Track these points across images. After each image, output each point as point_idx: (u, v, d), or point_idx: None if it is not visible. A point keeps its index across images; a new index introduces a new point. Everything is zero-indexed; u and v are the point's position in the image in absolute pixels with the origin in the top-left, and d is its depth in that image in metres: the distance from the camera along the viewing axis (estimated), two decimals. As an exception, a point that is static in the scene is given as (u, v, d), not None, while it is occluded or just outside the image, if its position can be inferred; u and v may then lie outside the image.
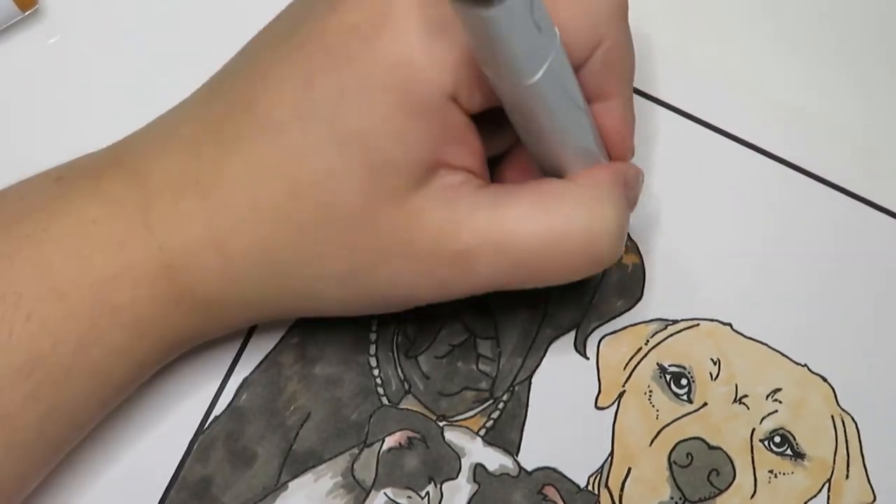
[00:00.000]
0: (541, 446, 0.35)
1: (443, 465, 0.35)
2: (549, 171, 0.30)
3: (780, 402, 0.35)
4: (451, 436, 0.35)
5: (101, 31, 0.37)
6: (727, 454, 0.35)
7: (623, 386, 0.36)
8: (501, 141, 0.32)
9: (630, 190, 0.31)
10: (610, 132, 0.30)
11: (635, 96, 0.37)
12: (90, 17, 0.37)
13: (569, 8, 0.27)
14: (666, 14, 0.38)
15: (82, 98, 0.37)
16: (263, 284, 0.29)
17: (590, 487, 0.35)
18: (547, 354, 0.36)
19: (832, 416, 0.36)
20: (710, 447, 0.35)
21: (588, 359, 0.36)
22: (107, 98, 0.37)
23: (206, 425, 0.35)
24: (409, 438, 0.35)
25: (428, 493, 0.35)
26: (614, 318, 0.36)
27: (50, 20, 0.37)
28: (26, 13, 0.36)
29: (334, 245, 0.27)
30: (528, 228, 0.27)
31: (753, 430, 0.35)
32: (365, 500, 0.35)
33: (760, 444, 0.35)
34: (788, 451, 0.35)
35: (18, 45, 0.37)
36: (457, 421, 0.35)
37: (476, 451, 0.35)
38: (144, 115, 0.35)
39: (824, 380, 0.36)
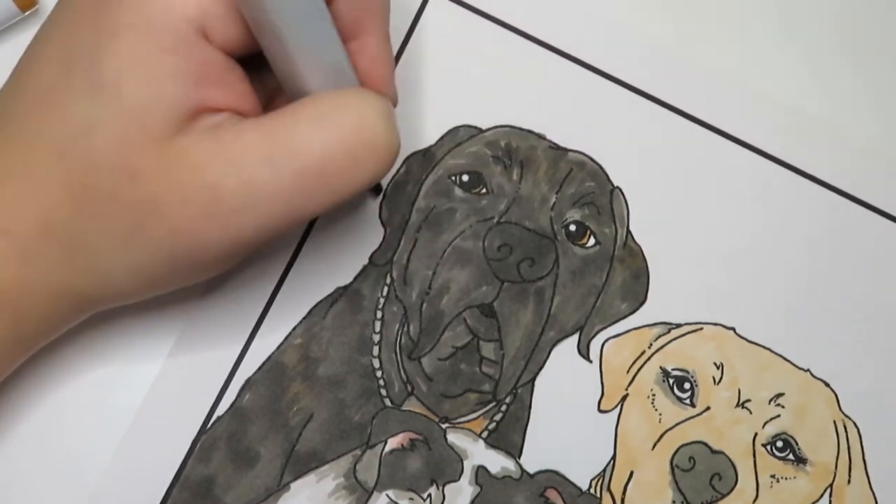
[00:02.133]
0: (543, 449, 0.35)
1: (445, 467, 0.35)
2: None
3: (783, 406, 0.36)
4: (454, 438, 0.35)
5: None
6: (729, 458, 0.35)
7: (626, 389, 0.36)
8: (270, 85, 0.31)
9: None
10: (367, 72, 0.30)
11: (650, 102, 0.37)
12: None
13: None
14: (666, 14, 0.38)
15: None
16: (56, 265, 0.28)
17: (592, 491, 0.35)
18: (550, 357, 0.36)
19: (834, 422, 0.36)
20: (713, 451, 0.35)
21: (591, 362, 0.36)
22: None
23: (209, 425, 0.35)
24: (411, 440, 0.35)
25: (430, 494, 0.35)
26: (618, 321, 0.36)
27: None
28: (26, 13, 0.36)
29: (108, 203, 0.27)
30: (300, 129, 0.27)
31: (756, 434, 0.35)
32: (367, 501, 0.35)
33: (763, 449, 0.35)
34: (791, 456, 0.35)
35: (18, 45, 0.36)
36: (459, 423, 0.35)
37: (478, 454, 0.35)
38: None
39: (827, 385, 0.36)
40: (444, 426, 0.35)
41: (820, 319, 0.36)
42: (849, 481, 0.35)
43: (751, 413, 0.35)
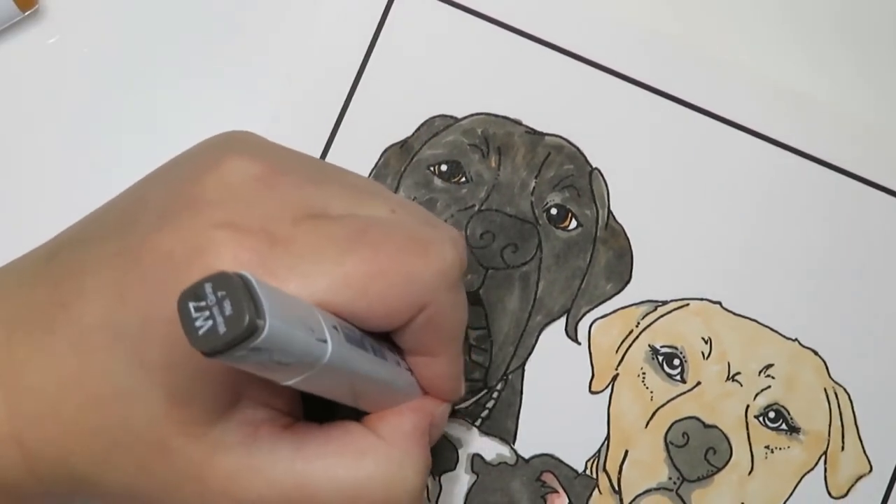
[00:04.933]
0: (537, 433, 0.35)
1: (440, 457, 0.35)
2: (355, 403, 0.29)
3: (773, 377, 0.36)
4: (447, 427, 0.35)
5: (101, 31, 0.37)
6: (723, 432, 0.35)
7: (616, 369, 0.36)
8: None
9: (436, 429, 0.30)
10: (431, 385, 0.30)
11: (624, 82, 0.37)
12: (90, 17, 0.37)
13: (391, 276, 0.26)
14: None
15: (82, 98, 0.37)
16: (65, 484, 0.28)
17: (588, 472, 0.35)
18: (539, 341, 0.36)
19: (825, 389, 0.36)
20: (706, 426, 0.35)
21: (580, 344, 0.36)
22: (106, 98, 0.37)
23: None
24: (405, 432, 0.35)
25: (427, 485, 0.35)
26: (604, 301, 0.36)
27: (50, 20, 0.37)
28: (26, 13, 0.36)
29: (128, 462, 0.27)
30: (328, 485, 0.27)
31: (748, 406, 0.35)
32: (364, 495, 0.35)
33: (755, 421, 0.35)
34: (783, 426, 0.36)
35: (18, 45, 0.37)
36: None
37: (473, 442, 0.35)
38: (143, 115, 0.36)
39: (815, 353, 0.36)
40: (436, 416, 0.35)
41: (805, 288, 0.36)
42: (842, 448, 0.36)
43: (741, 385, 0.36)
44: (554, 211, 0.36)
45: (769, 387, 0.36)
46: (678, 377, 0.36)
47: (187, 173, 0.28)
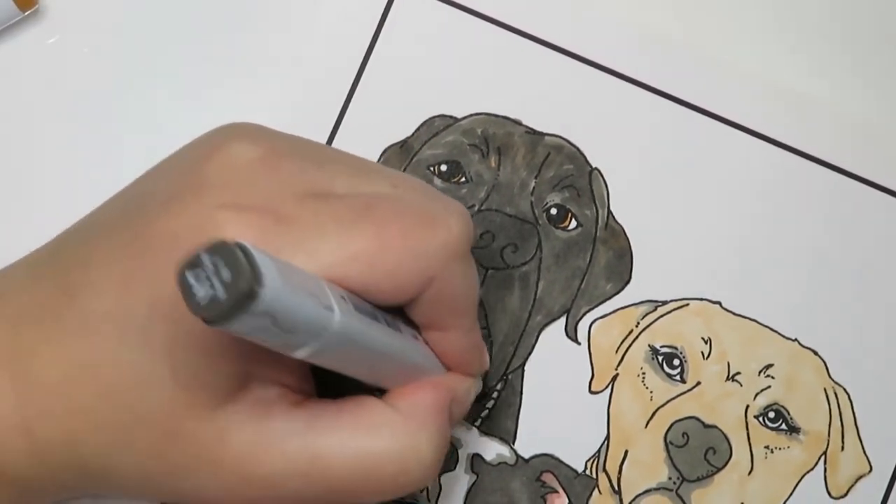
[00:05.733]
0: (537, 433, 0.35)
1: (440, 457, 0.35)
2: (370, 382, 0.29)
3: (773, 377, 0.36)
4: (447, 427, 0.35)
5: (100, 31, 0.37)
6: (723, 432, 0.35)
7: (616, 369, 0.36)
8: None
9: (459, 405, 0.30)
10: (450, 360, 0.30)
11: (623, 82, 0.37)
12: (90, 17, 0.37)
13: (397, 250, 0.27)
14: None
15: (82, 98, 0.37)
16: (74, 474, 0.28)
17: (588, 472, 0.35)
18: (538, 341, 0.36)
19: (825, 389, 0.36)
20: (706, 426, 0.35)
21: (580, 344, 0.36)
22: (106, 98, 0.37)
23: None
24: (405, 432, 0.35)
25: (426, 486, 0.35)
26: (604, 301, 0.36)
27: (50, 20, 0.37)
28: (26, 13, 0.36)
29: (141, 450, 0.27)
30: (342, 459, 0.27)
31: (747, 406, 0.35)
32: (364, 495, 0.35)
33: (755, 421, 0.35)
34: (783, 426, 0.36)
35: (18, 45, 0.37)
36: (452, 412, 0.35)
37: (472, 442, 0.35)
38: (144, 116, 0.36)
39: (815, 353, 0.36)
40: (436, 416, 0.35)
41: (805, 289, 0.36)
42: (842, 448, 0.36)
43: (741, 385, 0.36)
44: (554, 211, 0.36)
45: (769, 387, 0.36)
46: (678, 377, 0.36)
47: (190, 161, 0.28)
